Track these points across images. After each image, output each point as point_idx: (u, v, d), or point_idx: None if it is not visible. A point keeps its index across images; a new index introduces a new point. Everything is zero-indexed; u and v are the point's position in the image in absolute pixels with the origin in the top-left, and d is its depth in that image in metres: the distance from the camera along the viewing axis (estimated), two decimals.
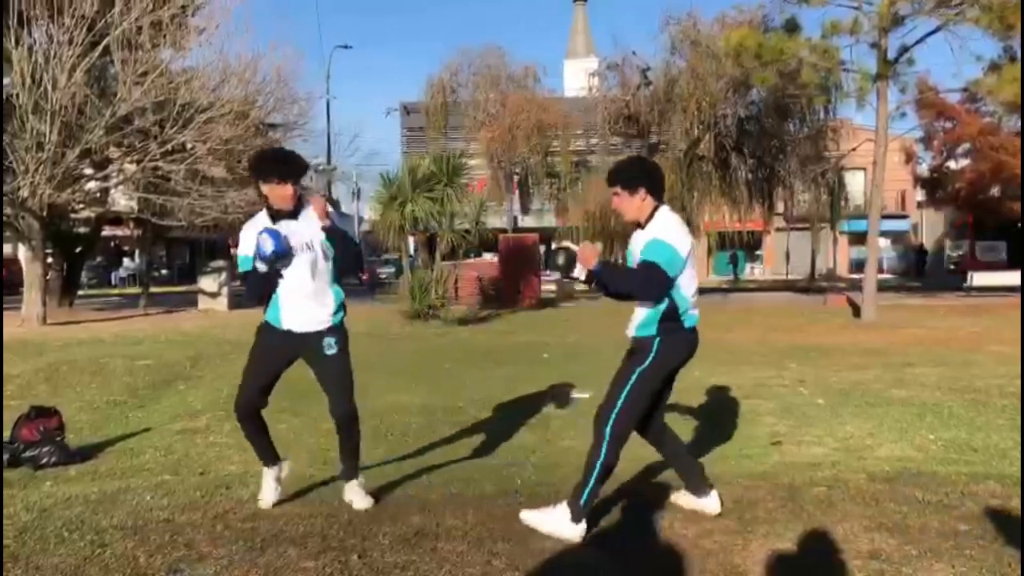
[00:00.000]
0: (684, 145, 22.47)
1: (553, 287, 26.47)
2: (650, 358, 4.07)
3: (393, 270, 39.91)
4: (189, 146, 19.35)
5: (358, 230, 59.38)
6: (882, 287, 20.60)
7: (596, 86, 24.39)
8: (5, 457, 5.59)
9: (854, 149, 22.94)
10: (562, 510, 3.96)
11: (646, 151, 23.72)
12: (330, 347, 4.44)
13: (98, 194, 21.60)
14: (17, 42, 16.82)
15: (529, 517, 4.02)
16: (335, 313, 4.47)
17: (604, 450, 4.01)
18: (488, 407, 7.61)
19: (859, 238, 29.39)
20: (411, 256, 19.88)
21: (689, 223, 23.03)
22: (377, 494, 4.58)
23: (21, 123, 17.15)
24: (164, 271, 47.34)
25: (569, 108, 24.18)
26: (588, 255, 4.06)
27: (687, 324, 4.12)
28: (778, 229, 40.02)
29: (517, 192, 25.40)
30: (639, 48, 23.07)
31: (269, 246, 4.10)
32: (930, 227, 46.38)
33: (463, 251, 19.75)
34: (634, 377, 4.07)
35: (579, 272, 4.13)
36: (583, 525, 3.94)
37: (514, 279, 22.53)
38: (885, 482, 4.83)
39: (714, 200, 24.07)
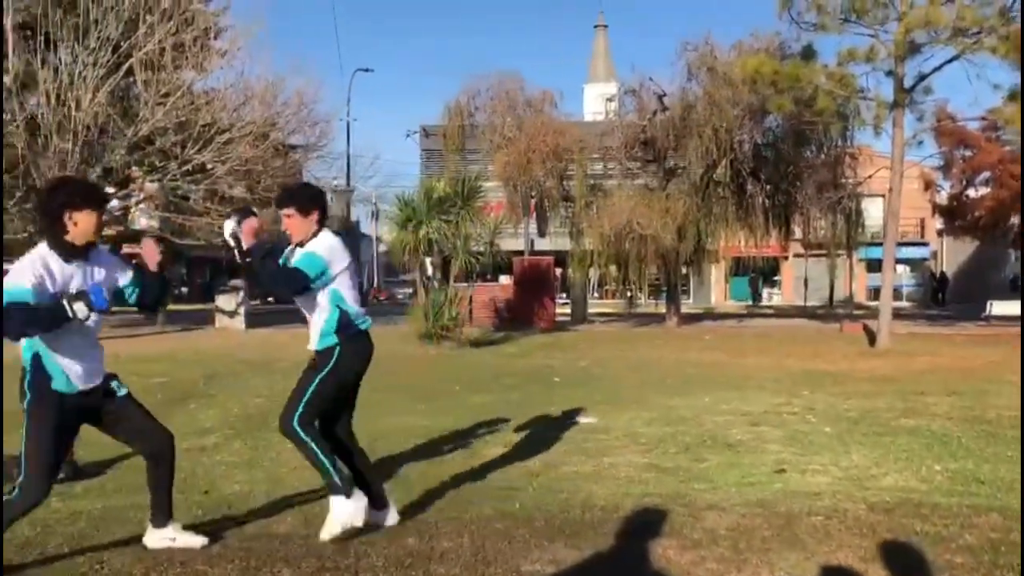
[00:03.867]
0: (700, 170, 22.48)
1: (568, 311, 26.50)
2: (331, 364, 4.33)
3: (410, 291, 40.10)
4: (209, 166, 19.61)
5: (376, 251, 59.88)
6: (900, 315, 20.48)
7: (613, 111, 24.53)
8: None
9: (870, 176, 22.88)
10: (334, 504, 4.22)
11: (662, 176, 23.78)
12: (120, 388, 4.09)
13: (119, 212, 21.89)
14: (43, 63, 17.16)
15: (326, 533, 4.19)
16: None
17: (309, 441, 4.23)
18: (495, 430, 7.63)
19: (877, 265, 29.21)
20: (427, 278, 20.01)
21: (705, 249, 23.21)
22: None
23: (46, 141, 17.46)
24: (183, 289, 47.72)
25: (586, 132, 24.26)
26: (251, 229, 4.28)
27: (362, 328, 4.48)
28: (795, 255, 39.88)
29: (533, 215, 25.47)
30: (657, 74, 23.18)
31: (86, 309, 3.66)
32: (952, 255, 46.02)
33: (477, 273, 19.81)
34: (315, 383, 4.30)
35: (245, 243, 4.28)
36: (357, 494, 4.28)
37: (528, 302, 22.56)
38: (884, 513, 4.80)
39: (730, 225, 24.04)
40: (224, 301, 23.82)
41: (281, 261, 4.40)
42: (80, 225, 3.75)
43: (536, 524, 4.56)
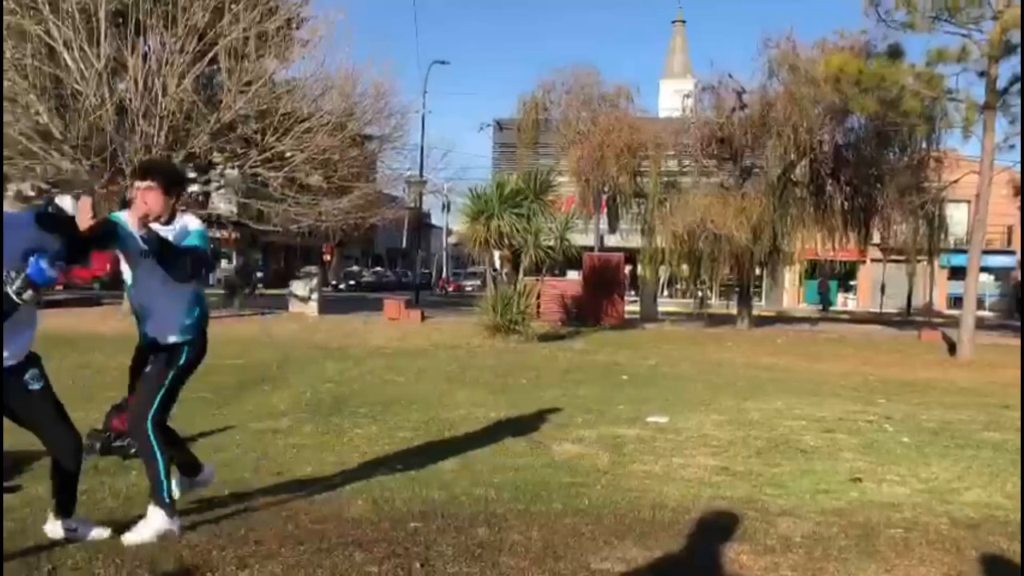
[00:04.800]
0: (778, 170, 22.04)
1: (637, 308, 26.28)
2: (183, 359, 4.18)
3: (478, 283, 40.28)
4: (288, 154, 19.96)
5: (445, 243, 60.33)
6: (982, 325, 19.77)
7: (690, 107, 24.18)
8: (97, 445, 5.85)
9: (956, 181, 22.11)
10: (154, 514, 4.02)
11: (739, 174, 23.38)
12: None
13: (200, 197, 22.45)
14: (133, 49, 17.68)
15: (132, 538, 3.93)
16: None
17: (156, 448, 4.09)
18: (562, 425, 7.61)
19: (959, 272, 28.27)
20: (495, 270, 20.05)
21: (780, 250, 22.74)
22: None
23: (132, 126, 18.00)
24: (259, 274, 48.81)
25: (661, 129, 23.98)
26: (85, 211, 4.07)
27: (205, 327, 4.32)
28: (873, 260, 38.81)
29: (605, 211, 25.30)
30: (736, 71, 22.77)
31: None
32: None
33: (547, 267, 19.78)
34: (169, 378, 4.16)
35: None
36: (177, 518, 4.09)
37: (597, 298, 22.43)
38: (968, 528, 4.63)
39: (807, 227, 23.51)
40: (298, 287, 24.25)
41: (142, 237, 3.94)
42: None
43: (605, 521, 4.52)
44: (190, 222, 4.16)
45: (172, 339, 4.14)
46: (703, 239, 21.17)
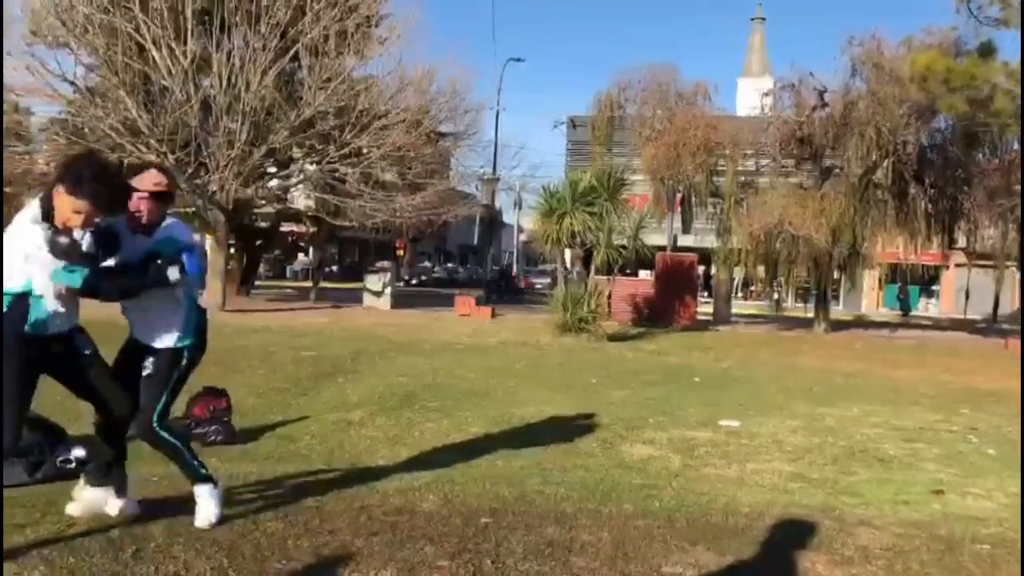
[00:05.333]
0: (859, 171, 21.43)
1: (710, 309, 25.93)
2: (184, 361, 4.14)
3: (549, 281, 40.26)
4: (364, 150, 20.25)
5: (517, 240, 60.42)
6: None
7: (769, 106, 23.71)
8: (193, 425, 6.03)
9: None
10: (201, 491, 4.10)
11: (818, 175, 22.83)
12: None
13: (279, 192, 22.95)
14: (217, 46, 18.17)
15: (202, 522, 4.03)
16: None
17: (172, 440, 4.12)
18: (633, 426, 7.54)
19: None
20: (566, 269, 20.00)
21: (860, 253, 22.12)
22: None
23: (216, 121, 18.50)
24: (334, 268, 49.68)
25: (739, 127, 23.57)
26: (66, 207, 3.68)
27: (202, 327, 4.27)
28: (957, 264, 37.53)
29: (679, 210, 24.99)
30: (817, 69, 22.24)
31: None
32: None
33: (619, 267, 19.64)
34: (173, 380, 4.12)
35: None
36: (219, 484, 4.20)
37: (669, 298, 22.19)
38: None
39: (888, 230, 22.84)
40: (372, 281, 24.62)
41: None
42: (58, 207, 3.60)
43: (677, 525, 4.47)
44: (175, 231, 4.06)
45: (167, 344, 4.08)
46: (780, 240, 20.73)
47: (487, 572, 3.66)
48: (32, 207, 3.67)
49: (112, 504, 4.07)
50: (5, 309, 3.56)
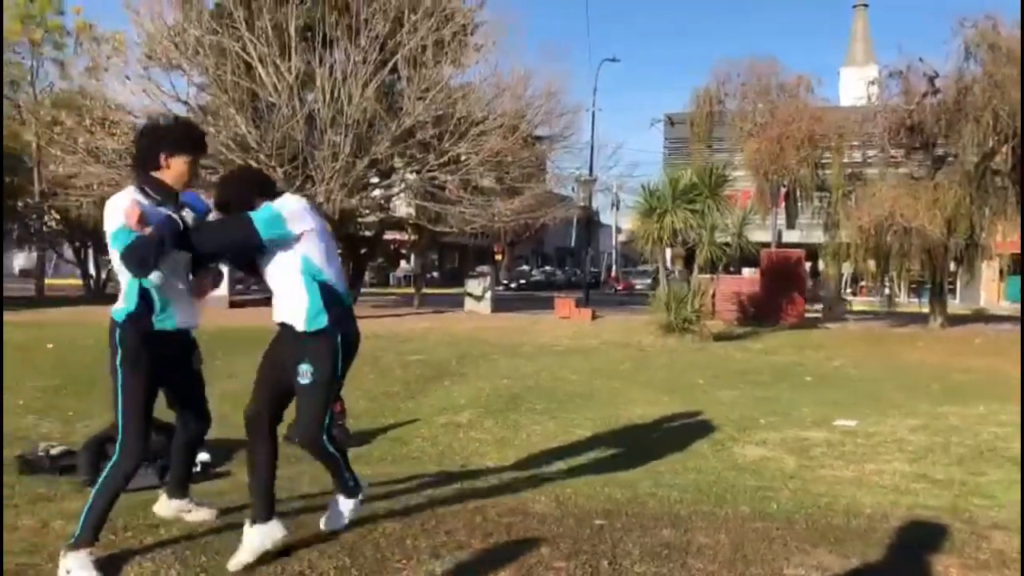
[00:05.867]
0: (976, 158, 20.44)
1: (819, 306, 25.19)
2: (330, 358, 3.77)
3: (649, 281, 39.84)
4: (463, 157, 20.49)
5: (615, 241, 60.06)
6: None
7: (876, 95, 22.86)
8: (295, 436, 6.21)
9: None
10: (342, 509, 4.03)
11: (931, 164, 21.91)
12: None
13: (382, 201, 23.45)
14: (320, 61, 18.71)
15: (328, 523, 4.00)
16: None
17: (331, 452, 3.99)
18: (744, 427, 7.40)
19: None
20: (668, 268, 19.74)
21: (978, 244, 21.10)
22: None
23: (321, 135, 19.05)
24: (435, 274, 50.45)
25: (844, 118, 22.81)
26: (132, 213, 3.52)
27: (347, 301, 3.90)
28: None
29: (783, 205, 24.36)
30: (926, 54, 21.32)
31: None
32: None
33: (722, 265, 19.29)
34: (325, 386, 3.82)
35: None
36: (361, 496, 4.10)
37: (776, 296, 21.67)
38: None
39: (1009, 218, 21.70)
40: (473, 286, 24.90)
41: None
42: (173, 168, 3.64)
43: (796, 527, 4.35)
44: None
45: (304, 327, 3.76)
46: (891, 233, 19.94)
47: (604, 573, 3.65)
48: (126, 191, 3.63)
49: (196, 512, 4.10)
50: (132, 309, 3.60)
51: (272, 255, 3.77)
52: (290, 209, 3.72)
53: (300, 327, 3.75)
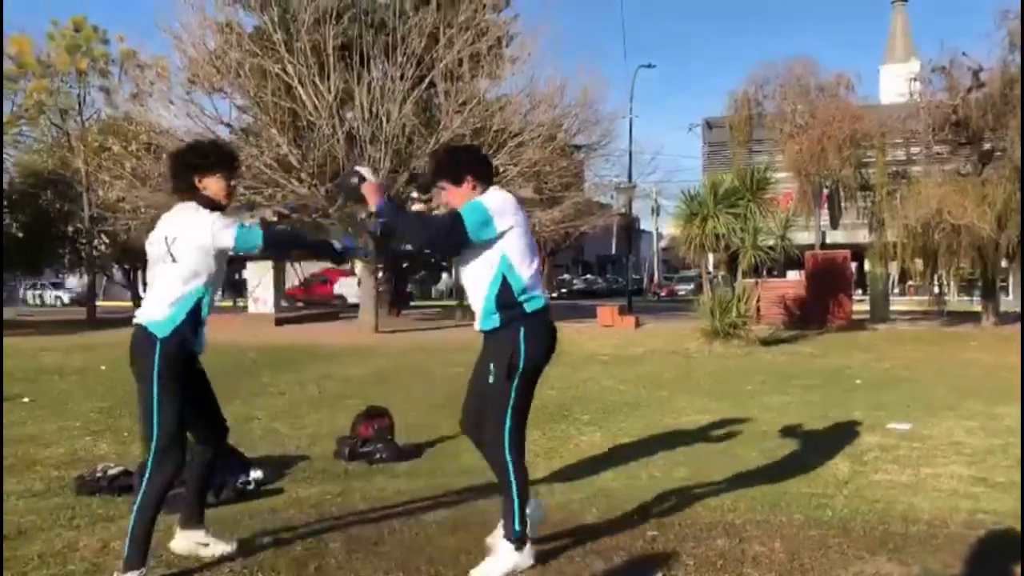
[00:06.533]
0: None
1: (866, 307, 24.80)
2: (510, 359, 3.70)
3: (692, 287, 39.54)
4: (501, 169, 20.55)
5: (656, 247, 59.73)
6: None
7: (918, 91, 22.53)
8: (346, 451, 6.27)
9: None
10: (503, 548, 3.72)
11: (977, 159, 21.50)
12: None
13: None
14: (359, 79, 18.92)
15: (479, 573, 3.68)
16: None
17: (512, 474, 3.71)
18: (795, 432, 7.30)
19: None
20: (711, 273, 19.59)
21: None
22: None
23: (361, 152, 19.26)
24: None
25: (886, 116, 22.51)
26: (371, 191, 3.80)
27: (530, 308, 3.76)
28: None
29: (826, 206, 24.07)
30: (969, 48, 20.99)
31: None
32: None
33: (767, 268, 19.09)
34: (513, 393, 3.71)
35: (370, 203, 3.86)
36: (527, 548, 3.72)
37: (822, 298, 21.37)
38: None
39: None
40: None
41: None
42: (211, 189, 3.70)
43: (853, 534, 4.29)
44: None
45: (481, 326, 3.81)
46: (939, 231, 19.59)
47: None
48: (186, 206, 3.71)
49: (213, 546, 3.94)
50: (178, 324, 3.62)
51: (471, 252, 3.76)
52: (498, 205, 3.71)
53: (479, 326, 3.82)
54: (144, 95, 23.20)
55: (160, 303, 3.65)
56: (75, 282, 44.65)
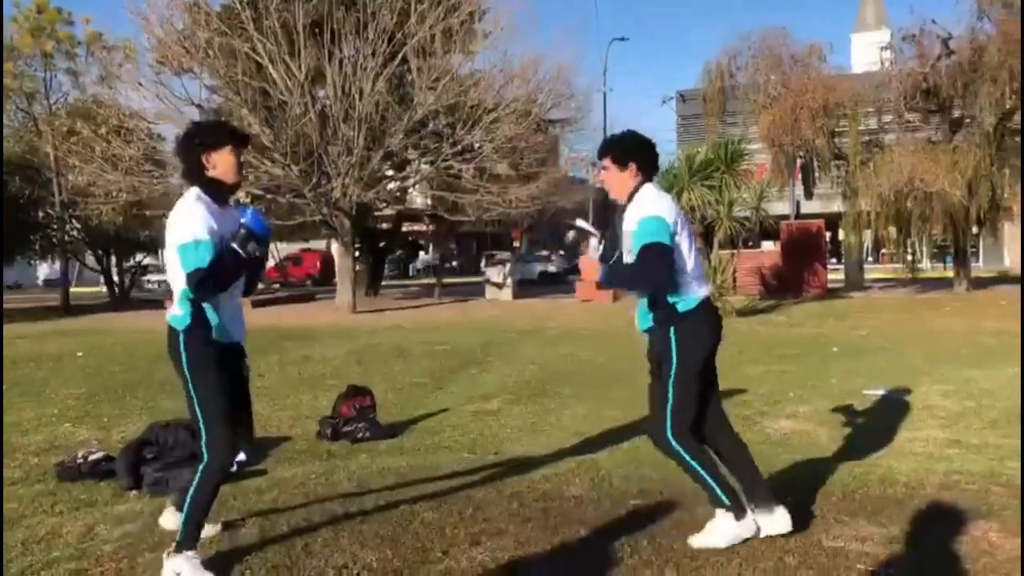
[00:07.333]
0: (994, 119, 20.18)
1: (841, 276, 25.04)
2: (674, 354, 3.75)
3: None
4: (477, 145, 20.48)
5: None
6: None
7: (889, 60, 22.61)
8: (328, 431, 6.27)
9: None
10: (722, 519, 3.74)
11: (948, 127, 21.69)
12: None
13: (398, 193, 23.49)
14: (330, 57, 18.71)
15: (699, 542, 3.72)
16: None
17: (690, 458, 3.75)
18: (774, 401, 7.41)
19: None
20: None
21: (1000, 206, 20.85)
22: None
23: (334, 130, 19.10)
24: (454, 263, 50.49)
25: (858, 85, 22.59)
26: (589, 268, 3.97)
27: (694, 301, 3.78)
28: None
29: (800, 176, 24.18)
30: (938, 15, 21.09)
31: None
32: None
33: (742, 240, 19.20)
34: (672, 381, 3.76)
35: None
36: (747, 514, 3.74)
37: (797, 268, 21.57)
38: None
39: None
40: (493, 273, 24.94)
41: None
42: (220, 165, 3.62)
43: (833, 498, 4.37)
44: (635, 210, 3.82)
45: (640, 325, 3.96)
46: (911, 199, 19.76)
47: (644, 552, 3.68)
48: (190, 195, 3.59)
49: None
50: (188, 321, 3.55)
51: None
52: (670, 215, 3.71)
53: (638, 325, 3.96)
54: (112, 77, 22.86)
55: (176, 299, 3.62)
56: (47, 269, 44.13)
